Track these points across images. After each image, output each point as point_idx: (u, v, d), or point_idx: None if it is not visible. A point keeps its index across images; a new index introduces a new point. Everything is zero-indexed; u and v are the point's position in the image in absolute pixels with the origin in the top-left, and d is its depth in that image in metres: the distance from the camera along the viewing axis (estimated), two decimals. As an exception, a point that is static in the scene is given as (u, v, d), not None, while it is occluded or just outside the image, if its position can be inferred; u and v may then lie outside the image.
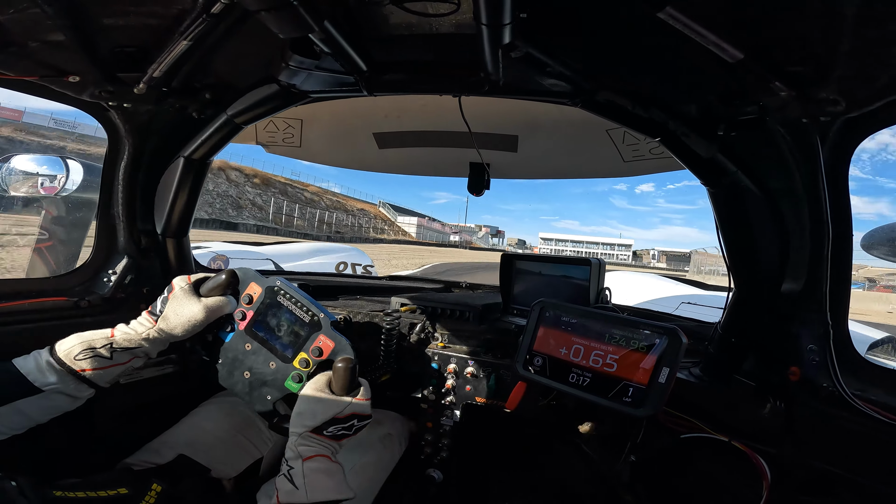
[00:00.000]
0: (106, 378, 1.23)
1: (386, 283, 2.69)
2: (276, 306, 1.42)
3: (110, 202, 1.72)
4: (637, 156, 2.04)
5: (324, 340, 1.35)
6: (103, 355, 1.21)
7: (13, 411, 1.08)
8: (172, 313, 1.31)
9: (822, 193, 1.18)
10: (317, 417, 1.14)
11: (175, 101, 1.52)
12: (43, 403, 1.13)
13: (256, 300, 1.43)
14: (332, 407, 1.15)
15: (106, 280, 1.74)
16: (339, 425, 1.16)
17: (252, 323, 1.42)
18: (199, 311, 1.32)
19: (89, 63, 1.27)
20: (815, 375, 1.26)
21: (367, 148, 2.39)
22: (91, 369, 1.18)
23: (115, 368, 1.24)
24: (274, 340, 1.39)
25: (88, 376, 1.18)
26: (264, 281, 1.45)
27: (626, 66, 1.22)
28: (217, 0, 1.00)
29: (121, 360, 1.24)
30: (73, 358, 1.16)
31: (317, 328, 1.37)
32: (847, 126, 1.14)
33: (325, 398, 1.16)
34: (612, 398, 1.31)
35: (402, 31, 1.21)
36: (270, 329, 1.40)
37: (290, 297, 1.41)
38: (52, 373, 1.13)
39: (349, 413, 1.17)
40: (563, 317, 1.47)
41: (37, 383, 1.11)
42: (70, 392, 1.16)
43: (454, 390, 1.76)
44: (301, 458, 1.08)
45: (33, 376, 1.11)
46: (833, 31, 0.87)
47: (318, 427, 1.13)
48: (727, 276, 1.44)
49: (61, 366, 1.15)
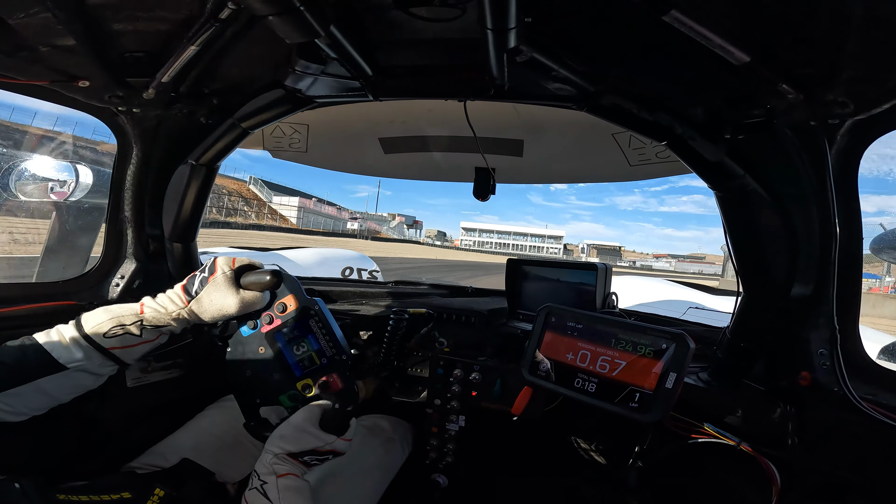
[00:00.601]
0: (133, 355, 1.19)
1: (391, 289, 2.69)
2: (305, 327, 1.39)
3: (119, 206, 1.73)
4: (643, 160, 2.04)
5: (335, 380, 1.34)
6: (133, 332, 1.16)
7: (35, 390, 1.05)
8: (207, 299, 1.25)
9: (830, 196, 1.17)
10: (298, 445, 1.15)
11: (183, 106, 1.54)
12: (66, 382, 1.09)
13: (289, 312, 1.39)
14: (316, 441, 1.16)
15: (114, 284, 1.75)
16: (315, 456, 1.17)
17: (275, 331, 1.39)
18: (234, 303, 1.26)
19: (99, 68, 1.29)
20: (826, 380, 1.24)
21: (372, 153, 2.39)
22: (120, 347, 1.15)
23: (143, 346, 1.20)
24: (288, 355, 1.37)
25: (116, 354, 1.14)
26: (304, 298, 1.41)
27: (631, 70, 1.22)
28: (225, 5, 1.01)
29: (149, 337, 1.20)
30: (103, 335, 1.12)
31: (335, 367, 1.36)
32: (855, 128, 1.13)
33: (312, 431, 1.17)
34: (619, 403, 1.30)
35: (407, 36, 1.22)
36: (290, 344, 1.38)
37: (322, 326, 1.39)
38: (78, 349, 1.09)
39: (330, 449, 1.18)
40: (569, 322, 1.46)
41: (61, 360, 1.07)
42: (94, 370, 1.13)
43: (459, 395, 1.75)
44: (275, 475, 1.09)
45: (58, 352, 1.07)
46: (840, 33, 0.87)
47: (295, 453, 1.14)
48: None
49: (89, 342, 1.11)
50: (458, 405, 1.76)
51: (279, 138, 2.32)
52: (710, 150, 1.25)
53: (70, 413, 1.39)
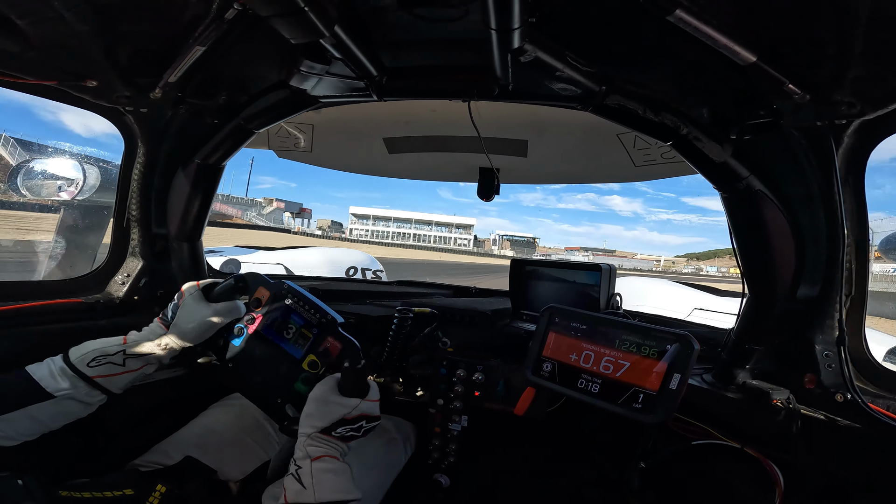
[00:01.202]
0: (118, 384, 1.25)
1: (395, 289, 2.69)
2: (285, 309, 1.42)
3: (125, 206, 1.75)
4: (648, 160, 2.03)
5: (332, 342, 1.35)
6: (116, 362, 1.23)
7: (25, 417, 1.09)
8: (183, 319, 1.33)
9: (837, 197, 1.16)
10: (326, 418, 1.14)
11: (189, 106, 1.55)
12: (55, 409, 1.14)
13: (265, 304, 1.44)
14: (342, 408, 1.15)
15: (121, 283, 1.76)
16: (347, 426, 1.16)
17: (261, 326, 1.42)
18: (209, 316, 1.35)
19: (107, 68, 1.30)
20: (832, 382, 1.23)
21: (377, 153, 2.40)
22: (103, 375, 1.20)
23: (126, 375, 1.26)
24: (283, 343, 1.40)
25: (100, 382, 1.20)
26: (272, 285, 1.46)
27: (636, 70, 1.22)
28: (231, 6, 1.02)
29: (133, 366, 1.26)
30: (86, 364, 1.18)
31: (325, 330, 1.38)
32: (862, 129, 1.12)
33: (334, 400, 1.16)
34: (622, 404, 1.30)
35: (411, 37, 1.22)
36: (279, 332, 1.41)
37: (299, 301, 1.42)
38: (64, 378, 1.15)
39: (358, 414, 1.17)
40: (573, 322, 1.46)
41: (49, 389, 1.12)
42: (82, 398, 1.18)
43: (463, 396, 1.75)
44: (310, 458, 1.08)
45: (46, 382, 1.13)
46: (847, 33, 0.86)
47: (326, 428, 1.13)
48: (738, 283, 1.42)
49: (74, 371, 1.17)
50: (461, 405, 1.76)
51: (284, 138, 2.33)
52: (716, 151, 1.24)
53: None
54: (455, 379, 1.76)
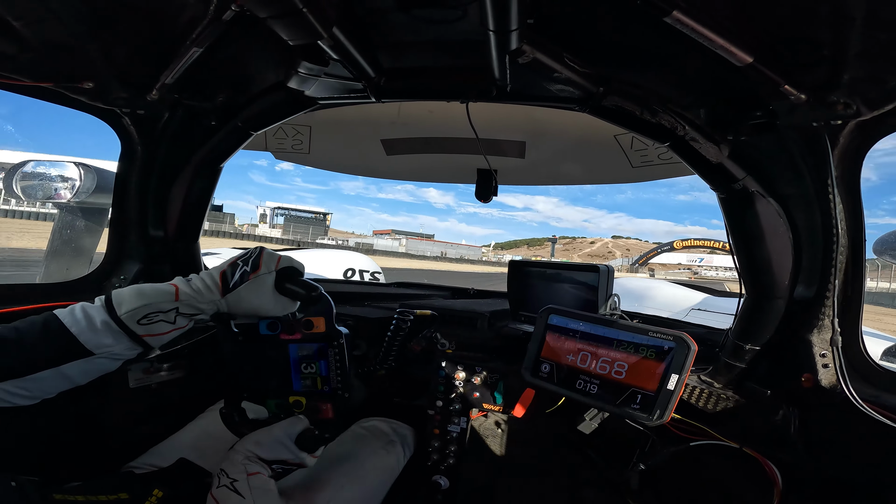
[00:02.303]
0: (162, 341, 1.13)
1: (393, 290, 2.70)
2: (322, 353, 1.35)
3: (123, 208, 1.74)
4: (645, 161, 2.04)
5: (328, 410, 1.34)
6: (168, 320, 1.09)
7: (57, 375, 0.98)
8: (246, 295, 1.17)
9: (832, 198, 1.17)
10: (271, 454, 1.16)
11: (187, 108, 1.55)
12: (88, 367, 1.02)
13: (313, 333, 1.35)
14: (289, 455, 1.19)
15: (117, 285, 1.76)
16: (282, 466, 1.20)
17: (292, 342, 1.35)
18: (271, 307, 1.21)
19: (103, 70, 1.29)
20: (829, 382, 1.24)
21: (375, 154, 2.40)
22: (153, 335, 1.08)
23: (173, 333, 1.13)
24: (294, 369, 1.35)
25: (148, 340, 1.08)
26: (333, 327, 1.36)
27: (633, 72, 1.22)
28: (228, 7, 1.02)
29: (182, 324, 1.13)
30: (137, 321, 1.05)
31: (334, 399, 1.34)
32: (858, 129, 1.12)
33: (289, 446, 1.19)
34: (621, 405, 1.30)
35: (409, 38, 1.22)
36: (300, 360, 1.35)
37: (338, 358, 1.35)
38: (108, 334, 1.02)
39: (297, 462, 1.21)
40: (571, 323, 1.46)
41: (88, 345, 0.99)
42: (119, 354, 1.06)
43: (462, 397, 1.75)
44: (246, 473, 1.10)
45: (85, 337, 1.00)
46: (843, 34, 0.87)
47: (267, 460, 1.15)
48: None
49: (121, 327, 1.03)
50: (460, 407, 1.76)
51: (282, 139, 2.33)
52: (713, 152, 1.25)
53: (71, 413, 1.39)
54: (454, 380, 1.76)
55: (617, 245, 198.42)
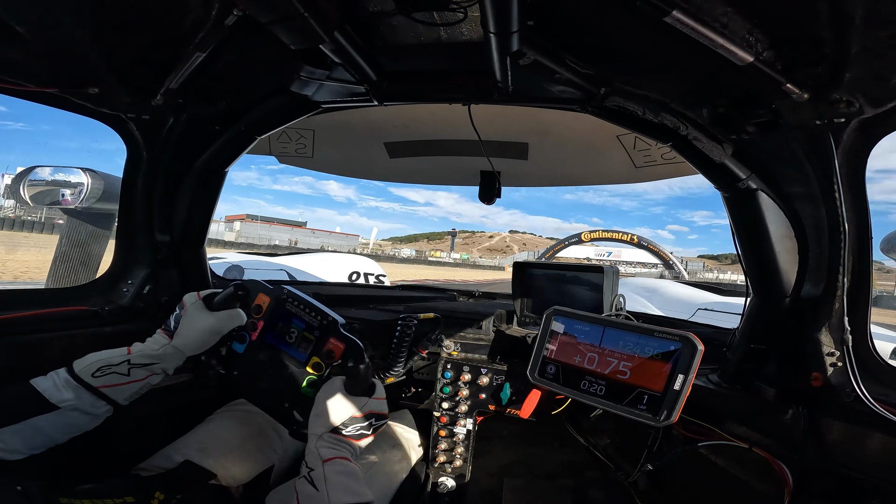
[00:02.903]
0: (123, 394, 1.24)
1: (398, 293, 2.70)
2: (286, 314, 1.43)
3: (129, 213, 1.75)
4: (648, 161, 2.03)
5: (334, 343, 1.36)
6: (120, 372, 1.22)
7: (30, 428, 1.08)
8: (186, 328, 1.34)
9: (838, 196, 1.16)
10: (335, 418, 1.15)
11: (191, 112, 1.56)
12: (60, 421, 1.13)
13: (266, 310, 1.45)
14: (350, 407, 1.17)
15: (125, 290, 1.77)
16: (357, 424, 1.17)
17: (263, 332, 1.43)
18: (211, 324, 1.36)
19: (108, 75, 1.31)
20: (838, 381, 1.23)
21: (378, 158, 2.41)
22: (108, 385, 1.20)
23: (132, 385, 1.25)
24: (286, 347, 1.40)
25: (106, 392, 1.19)
26: (272, 290, 1.47)
27: (635, 72, 1.22)
28: (231, 12, 1.03)
29: (137, 376, 1.26)
30: (91, 374, 1.18)
31: (327, 332, 1.38)
32: (862, 127, 1.11)
33: (342, 399, 1.18)
34: (627, 406, 1.30)
35: (411, 41, 1.23)
36: (282, 337, 1.42)
37: (299, 304, 1.43)
38: (68, 389, 1.14)
39: (367, 412, 1.18)
40: (576, 324, 1.46)
41: (53, 400, 1.12)
42: (87, 409, 1.17)
43: (467, 398, 1.75)
44: (321, 460, 1.09)
45: (49, 393, 1.12)
46: (844, 32, 0.87)
47: (337, 427, 1.14)
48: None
49: (78, 382, 1.16)
50: (466, 408, 1.75)
51: (285, 143, 2.34)
52: (716, 151, 1.25)
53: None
54: (460, 382, 1.76)
55: (514, 239, 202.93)
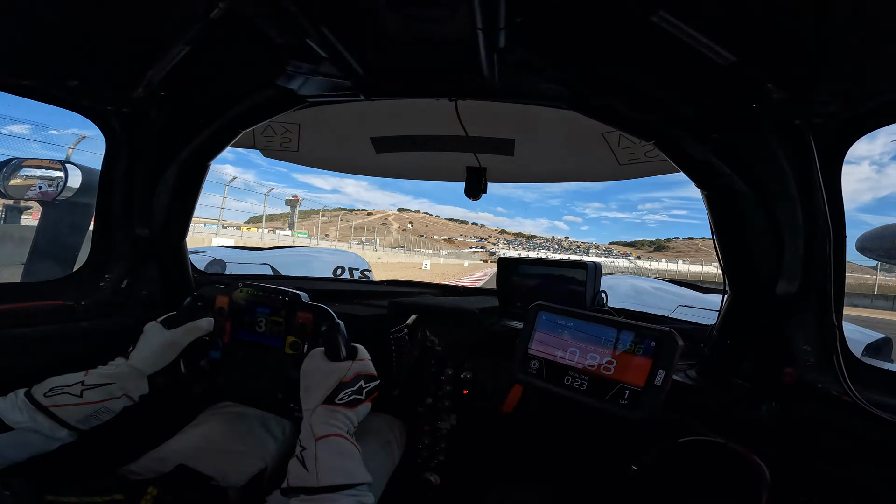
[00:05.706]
0: (75, 416, 1.21)
1: (383, 288, 2.69)
2: (248, 307, 1.44)
3: (108, 206, 1.72)
4: (632, 159, 2.05)
5: (302, 315, 1.37)
6: (73, 393, 1.21)
7: None
8: (141, 345, 1.34)
9: (816, 194, 1.19)
10: (323, 387, 1.13)
11: (174, 106, 1.53)
12: (16, 441, 1.12)
13: (227, 309, 1.45)
14: (335, 373, 1.15)
15: (103, 284, 1.73)
16: (347, 390, 1.14)
17: (233, 332, 1.44)
18: (166, 338, 1.35)
19: (89, 67, 1.28)
20: (811, 377, 1.26)
21: (364, 152, 2.39)
22: (58, 405, 1.18)
23: (85, 407, 1.22)
24: (259, 338, 1.41)
25: (56, 413, 1.17)
26: (226, 289, 1.47)
27: (620, 70, 1.23)
28: (216, 5, 1.01)
29: (92, 398, 1.23)
30: (43, 394, 1.17)
31: (292, 307, 1.39)
32: (841, 126, 1.14)
33: (325, 367, 1.16)
34: (609, 401, 1.32)
35: (398, 36, 1.22)
36: (252, 329, 1.43)
37: (257, 293, 1.44)
38: (22, 409, 1.13)
39: (353, 375, 1.16)
40: (560, 320, 1.47)
41: (6, 420, 1.11)
42: (44, 432, 1.15)
43: (451, 394, 1.76)
44: (314, 438, 1.06)
45: (4, 413, 1.11)
46: (824, 33, 0.89)
47: (328, 397, 1.12)
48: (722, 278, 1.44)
49: (31, 401, 1.15)
50: (449, 404, 1.76)
51: (270, 137, 2.31)
52: (698, 150, 1.27)
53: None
54: (443, 377, 1.77)
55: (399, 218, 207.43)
